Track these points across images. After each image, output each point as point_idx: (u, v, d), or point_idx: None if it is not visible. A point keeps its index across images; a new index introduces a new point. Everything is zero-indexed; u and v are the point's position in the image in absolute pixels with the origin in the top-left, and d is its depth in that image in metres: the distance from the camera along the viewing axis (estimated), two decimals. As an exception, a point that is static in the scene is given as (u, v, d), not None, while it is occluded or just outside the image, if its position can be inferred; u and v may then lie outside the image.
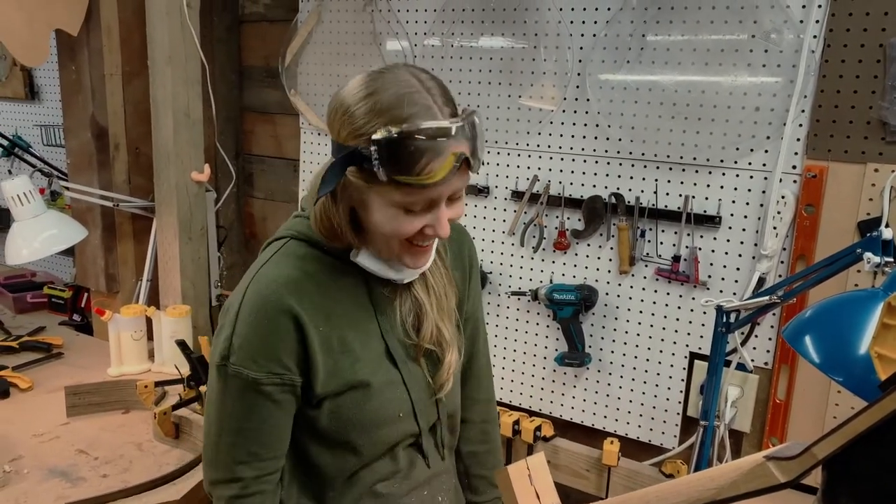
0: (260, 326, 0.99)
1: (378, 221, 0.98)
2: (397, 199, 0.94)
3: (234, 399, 1.01)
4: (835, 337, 0.92)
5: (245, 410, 1.01)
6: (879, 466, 0.61)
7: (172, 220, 2.12)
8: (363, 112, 0.93)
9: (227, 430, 1.02)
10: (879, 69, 1.42)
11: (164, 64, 2.02)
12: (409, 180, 0.90)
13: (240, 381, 0.99)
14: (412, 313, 1.11)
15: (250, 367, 0.99)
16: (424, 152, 0.89)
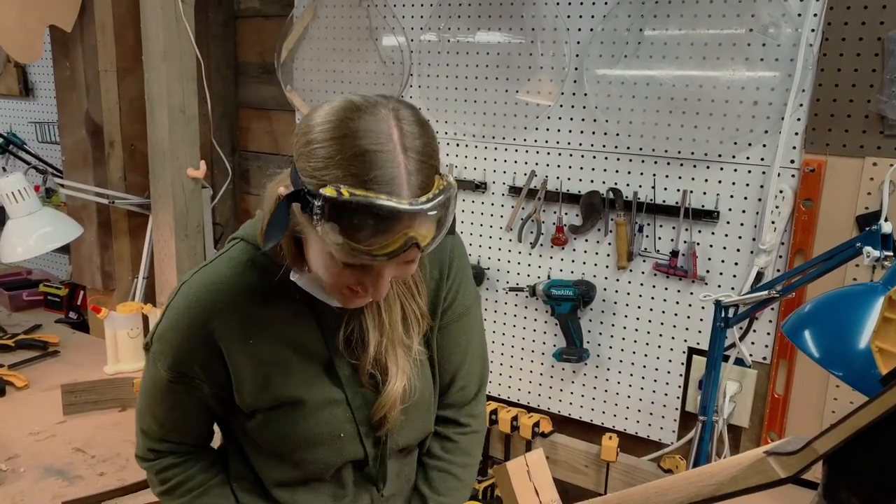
0: (178, 330, 1.00)
1: (313, 262, 0.91)
2: (335, 253, 0.84)
3: (151, 380, 1.04)
4: (834, 331, 0.91)
5: (156, 393, 1.04)
6: (881, 461, 0.61)
7: (168, 217, 2.11)
8: (324, 154, 0.82)
9: (143, 410, 1.08)
10: (878, 63, 1.41)
11: (159, 60, 2.01)
12: (351, 245, 0.81)
13: (154, 367, 1.02)
14: (355, 333, 1.03)
15: (162, 360, 1.01)
16: (371, 228, 0.80)
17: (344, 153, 0.81)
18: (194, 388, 1.02)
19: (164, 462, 1.08)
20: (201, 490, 1.08)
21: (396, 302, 1.03)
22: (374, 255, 0.82)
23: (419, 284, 1.06)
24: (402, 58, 2.02)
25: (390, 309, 1.03)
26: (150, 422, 1.07)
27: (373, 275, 0.89)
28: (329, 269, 0.89)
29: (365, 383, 1.05)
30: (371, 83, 2.10)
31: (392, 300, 1.03)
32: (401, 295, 1.04)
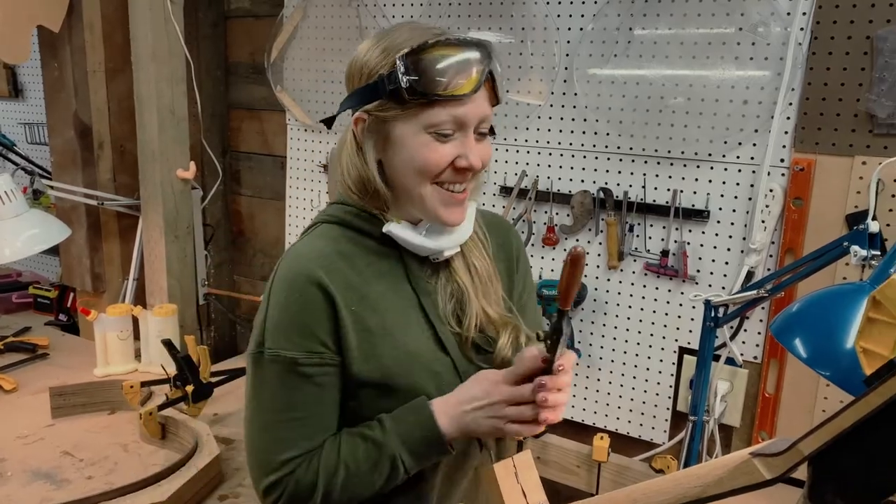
0: (292, 303, 0.95)
1: (407, 157, 0.95)
2: (426, 120, 0.93)
3: (274, 388, 0.95)
4: (822, 331, 0.91)
5: (286, 398, 0.95)
6: (865, 462, 0.61)
7: (158, 219, 2.10)
8: (379, 52, 0.95)
9: (270, 424, 0.96)
10: (867, 61, 1.41)
11: (148, 61, 2.00)
12: (438, 94, 0.90)
13: (277, 365, 0.95)
14: (453, 299, 1.04)
15: (286, 347, 0.94)
16: (449, 64, 0.91)
17: (396, 40, 0.94)
18: (326, 367, 0.96)
19: (294, 477, 0.96)
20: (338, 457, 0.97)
21: (476, 254, 1.08)
22: (463, 92, 0.91)
23: (485, 243, 1.11)
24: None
25: (479, 266, 1.07)
26: (275, 439, 0.96)
27: (464, 139, 0.95)
28: (423, 150, 0.94)
29: (469, 351, 1.04)
30: (361, 83, 2.08)
31: (473, 254, 1.07)
32: (483, 251, 1.09)
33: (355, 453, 0.96)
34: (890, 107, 1.39)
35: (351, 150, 1.01)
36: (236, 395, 1.97)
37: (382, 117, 0.95)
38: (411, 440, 0.95)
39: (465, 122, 0.94)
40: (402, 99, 0.92)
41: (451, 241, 1.02)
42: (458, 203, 0.99)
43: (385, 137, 0.97)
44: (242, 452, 1.67)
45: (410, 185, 0.97)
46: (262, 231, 2.51)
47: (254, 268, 2.56)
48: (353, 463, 0.95)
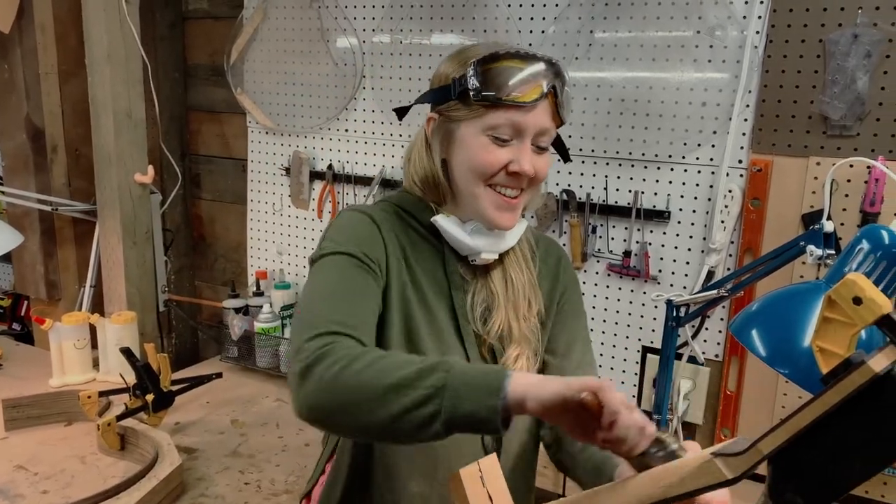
0: (357, 227, 1.02)
1: (466, 157, 1.01)
2: (486, 122, 0.98)
3: (328, 270, 0.98)
4: (780, 330, 0.93)
5: (338, 275, 0.97)
6: (823, 460, 0.62)
7: (116, 224, 2.05)
8: (457, 62, 1.02)
9: (320, 296, 0.95)
10: (819, 64, 1.44)
11: (103, 63, 1.96)
12: (501, 98, 0.96)
13: (339, 257, 0.98)
14: (484, 304, 1.09)
15: (347, 247, 0.98)
16: (516, 73, 0.97)
17: (474, 51, 1.01)
18: (376, 276, 0.99)
19: (346, 341, 0.88)
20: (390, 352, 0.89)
21: (516, 268, 1.11)
22: (523, 100, 0.96)
23: (533, 258, 1.14)
24: (354, 59, 2.00)
25: (516, 279, 1.10)
26: (328, 307, 0.92)
27: (520, 145, 1.00)
28: (480, 151, 0.99)
29: (486, 353, 1.08)
30: (323, 84, 2.07)
31: (513, 268, 1.11)
32: (524, 266, 1.12)
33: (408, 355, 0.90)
34: (842, 108, 1.42)
35: (421, 146, 1.09)
36: (198, 404, 1.94)
37: (449, 117, 1.02)
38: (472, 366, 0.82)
39: (522, 130, 0.99)
40: (469, 100, 0.98)
41: (491, 246, 1.06)
42: (509, 207, 1.03)
43: (450, 137, 1.03)
44: (205, 462, 1.64)
45: (467, 184, 1.03)
46: (224, 235, 2.47)
47: (215, 273, 2.52)
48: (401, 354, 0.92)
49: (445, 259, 1.08)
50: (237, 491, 1.53)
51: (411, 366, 0.81)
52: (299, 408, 0.85)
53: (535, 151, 1.02)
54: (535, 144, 1.01)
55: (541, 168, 1.02)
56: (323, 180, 2.12)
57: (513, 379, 0.77)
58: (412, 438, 0.81)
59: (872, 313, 0.58)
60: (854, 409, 0.59)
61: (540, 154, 1.03)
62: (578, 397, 0.73)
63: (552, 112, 1.01)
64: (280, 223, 2.24)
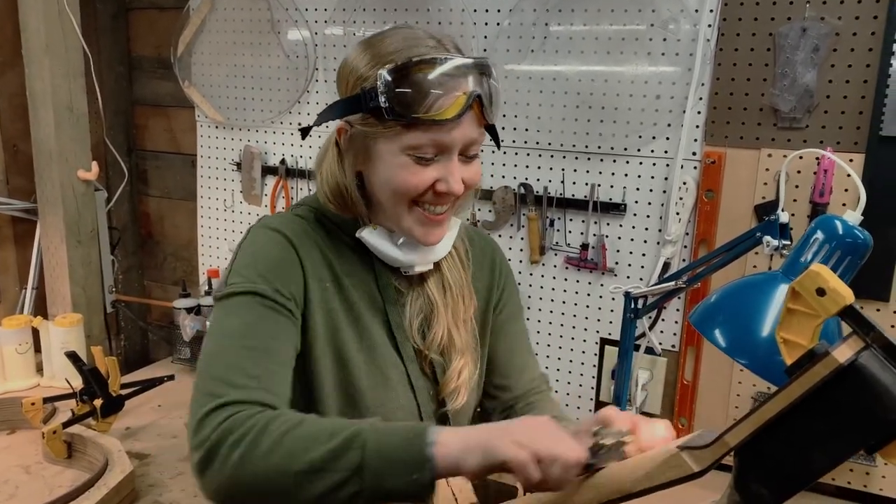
0: (268, 251, 0.92)
1: (386, 178, 0.91)
2: (406, 142, 0.88)
3: (234, 316, 0.86)
4: (738, 321, 0.94)
5: (246, 323, 0.86)
6: (787, 451, 0.62)
7: (58, 223, 1.97)
8: (367, 60, 0.90)
9: (226, 349, 0.84)
10: (770, 57, 1.47)
11: (41, 54, 1.87)
12: (419, 116, 0.85)
13: (244, 297, 0.87)
14: (421, 314, 1.02)
15: (256, 282, 0.88)
16: (434, 85, 0.86)
17: (385, 48, 0.89)
18: (292, 316, 0.89)
19: (248, 410, 0.79)
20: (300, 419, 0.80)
21: (453, 270, 1.05)
22: (445, 117, 0.86)
23: (465, 261, 1.08)
24: (306, 52, 1.96)
25: (454, 284, 1.04)
26: (228, 364, 0.83)
27: (447, 163, 0.91)
28: (402, 172, 0.90)
29: (426, 369, 1.02)
30: (275, 77, 2.02)
31: (450, 270, 1.04)
32: (460, 270, 1.06)
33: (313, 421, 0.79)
34: (791, 101, 1.45)
35: (332, 157, 0.98)
36: (149, 407, 1.88)
37: (363, 132, 0.91)
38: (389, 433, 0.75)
39: (447, 148, 0.90)
40: (383, 117, 0.87)
41: (424, 257, 1.00)
42: (436, 224, 0.95)
43: (366, 151, 0.93)
44: (158, 467, 1.59)
45: (388, 203, 0.94)
46: (173, 233, 2.40)
47: (165, 272, 2.45)
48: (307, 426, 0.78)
49: (377, 273, 1.00)
50: (192, 496, 1.49)
51: (320, 445, 0.74)
52: (208, 496, 0.78)
53: (464, 161, 0.93)
54: (464, 155, 0.92)
55: (471, 178, 0.94)
56: (276, 175, 2.08)
57: (437, 447, 0.73)
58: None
59: (836, 304, 0.58)
60: (818, 401, 0.59)
61: (469, 163, 0.94)
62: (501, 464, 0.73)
63: (478, 119, 0.91)
64: (232, 220, 2.19)
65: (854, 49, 1.39)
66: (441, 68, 0.86)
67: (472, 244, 1.11)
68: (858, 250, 0.91)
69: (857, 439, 0.58)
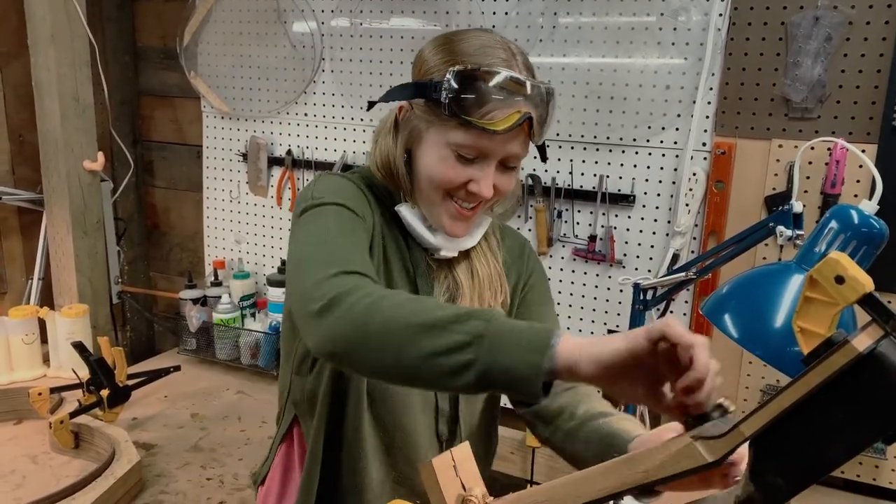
0: (344, 187, 0.97)
1: (428, 163, 0.96)
2: (453, 138, 0.93)
3: (326, 217, 0.91)
4: (751, 311, 0.93)
5: (338, 223, 0.91)
6: (804, 441, 0.61)
7: (64, 213, 1.97)
8: (442, 55, 0.95)
9: (327, 239, 0.88)
10: (782, 46, 1.45)
11: (47, 44, 1.87)
12: (471, 120, 0.90)
13: (335, 207, 0.92)
14: (448, 293, 1.05)
15: (338, 199, 0.93)
16: (493, 97, 0.90)
17: (461, 49, 0.93)
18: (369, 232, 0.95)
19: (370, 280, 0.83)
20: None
21: (482, 260, 1.07)
22: (494, 129, 0.90)
23: (497, 253, 1.10)
24: (313, 42, 1.95)
25: (481, 271, 1.06)
26: (340, 254, 0.86)
27: (484, 167, 0.94)
28: (441, 164, 0.94)
29: None
30: (281, 68, 2.01)
31: (479, 260, 1.07)
32: (489, 259, 1.08)
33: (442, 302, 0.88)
34: (803, 91, 1.44)
35: (389, 130, 1.03)
36: (156, 398, 1.88)
37: (421, 116, 0.96)
38: (510, 325, 0.72)
39: (488, 155, 0.94)
40: (441, 110, 0.92)
41: (451, 244, 1.03)
42: (463, 218, 0.99)
43: (418, 134, 0.98)
44: (164, 458, 1.59)
45: (426, 187, 0.99)
46: (179, 224, 2.40)
47: (170, 263, 2.44)
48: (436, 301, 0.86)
49: (410, 247, 1.04)
50: (199, 486, 1.49)
51: (447, 309, 0.74)
52: (320, 340, 0.78)
53: (501, 171, 0.97)
54: (503, 164, 0.96)
55: (503, 186, 0.97)
56: (282, 166, 2.07)
57: (563, 338, 0.70)
58: (438, 385, 0.78)
59: (855, 292, 0.57)
60: (836, 390, 0.58)
61: (507, 172, 0.98)
62: (647, 346, 0.66)
63: (525, 138, 0.95)
64: (238, 211, 2.18)
65: (867, 38, 1.38)
66: (504, 83, 0.90)
67: (503, 238, 1.14)
68: (874, 240, 0.90)
69: (876, 428, 0.57)
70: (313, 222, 0.91)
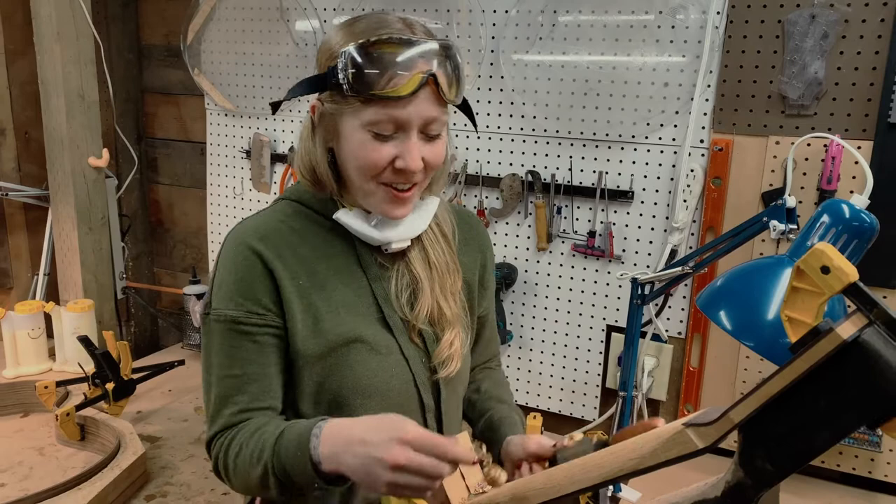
0: (236, 268, 0.96)
1: (350, 153, 0.95)
2: (365, 118, 0.91)
3: (218, 346, 0.97)
4: (745, 304, 0.94)
5: (228, 356, 0.96)
6: (791, 427, 0.63)
7: (70, 210, 1.99)
8: (337, 40, 0.93)
9: (216, 382, 0.97)
10: (778, 44, 1.47)
11: (52, 42, 1.89)
12: (375, 93, 0.88)
13: (220, 325, 0.96)
14: (409, 290, 1.04)
15: (228, 306, 0.95)
16: (390, 64, 0.88)
17: (356, 27, 0.93)
18: (267, 328, 0.96)
19: (229, 434, 0.97)
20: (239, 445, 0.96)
21: (436, 247, 1.07)
22: (399, 94, 0.88)
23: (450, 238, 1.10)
24: (315, 40, 1.97)
25: (437, 260, 1.06)
26: (218, 395, 0.97)
27: (405, 142, 0.92)
28: (363, 148, 0.92)
29: (415, 338, 1.04)
30: (284, 65, 2.03)
31: (432, 247, 1.07)
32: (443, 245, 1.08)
33: (251, 440, 0.93)
34: (800, 88, 1.45)
35: (307, 135, 1.01)
36: (160, 392, 1.90)
37: (331, 109, 0.95)
38: (287, 452, 0.88)
39: (404, 124, 0.92)
40: (345, 93, 0.90)
41: (400, 235, 1.01)
42: (401, 201, 0.97)
43: (334, 128, 0.96)
44: (169, 450, 1.61)
45: (357, 179, 0.97)
46: (183, 221, 2.42)
47: (174, 259, 2.47)
48: (247, 448, 0.93)
49: (357, 252, 1.02)
50: (203, 478, 1.51)
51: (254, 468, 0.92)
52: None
53: (426, 140, 0.94)
54: (425, 133, 0.94)
55: (432, 157, 0.95)
56: (285, 163, 2.09)
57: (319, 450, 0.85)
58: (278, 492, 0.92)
59: (840, 282, 0.59)
60: (822, 377, 0.60)
61: (431, 142, 0.95)
62: None
63: (437, 99, 0.92)
64: (241, 207, 2.20)
65: (863, 36, 1.39)
66: (398, 47, 0.89)
67: (459, 222, 1.14)
68: (865, 234, 0.92)
69: (861, 414, 0.59)
70: (206, 347, 0.99)
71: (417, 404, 1.04)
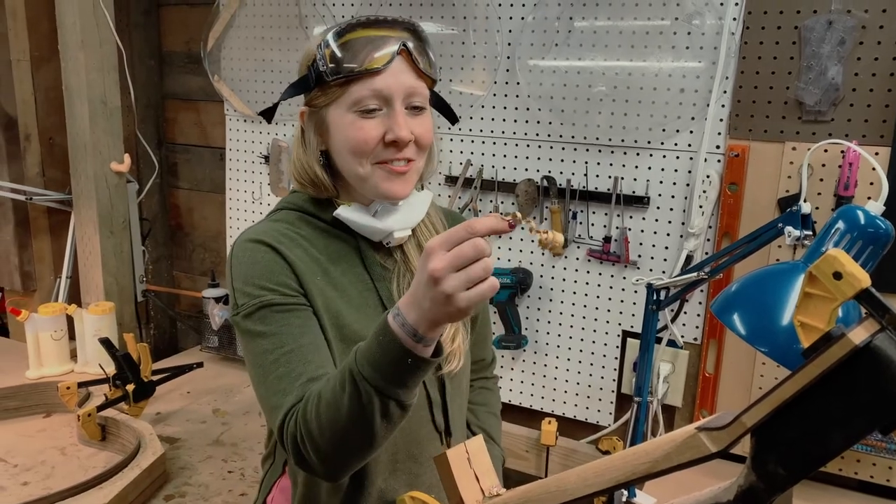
0: (256, 261, 0.97)
1: (342, 138, 0.97)
2: (349, 98, 0.95)
3: (262, 332, 0.94)
4: (759, 309, 0.95)
5: (276, 335, 0.93)
6: (804, 431, 0.63)
7: (92, 214, 2.03)
8: (314, 42, 0.99)
9: (272, 365, 0.93)
10: (795, 50, 1.47)
11: (77, 49, 1.92)
12: (354, 68, 0.93)
13: (258, 313, 0.94)
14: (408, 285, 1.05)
15: (260, 294, 0.94)
16: (363, 43, 0.94)
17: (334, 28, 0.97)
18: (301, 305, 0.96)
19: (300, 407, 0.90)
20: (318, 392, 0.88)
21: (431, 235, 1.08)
22: (377, 65, 0.93)
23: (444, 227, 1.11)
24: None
25: None
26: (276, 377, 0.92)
27: (391, 115, 0.96)
28: (352, 130, 0.96)
29: None
30: (302, 73, 2.05)
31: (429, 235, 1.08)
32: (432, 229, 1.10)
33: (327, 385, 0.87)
34: (817, 94, 1.45)
35: (298, 141, 1.05)
36: (179, 394, 1.93)
37: (317, 106, 0.99)
38: (369, 349, 0.82)
39: (387, 96, 0.95)
40: (327, 83, 0.95)
41: (401, 223, 1.03)
42: (399, 175, 0.99)
43: (323, 126, 1.00)
44: (188, 451, 1.64)
45: (351, 168, 0.99)
46: (202, 225, 2.45)
47: (193, 263, 2.50)
48: (327, 389, 0.86)
49: (361, 252, 1.05)
50: (221, 479, 1.53)
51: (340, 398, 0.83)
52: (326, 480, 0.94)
53: (412, 114, 0.98)
54: (409, 107, 0.98)
55: (421, 131, 0.98)
56: (302, 168, 2.11)
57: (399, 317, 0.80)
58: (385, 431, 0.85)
59: (852, 287, 0.59)
60: (834, 382, 0.60)
61: (417, 116, 0.98)
62: None
63: (413, 70, 0.97)
64: (260, 212, 2.23)
65: (881, 42, 1.39)
66: (368, 29, 0.96)
67: (450, 221, 1.16)
68: (880, 240, 0.92)
69: (873, 419, 0.59)
70: (248, 343, 0.96)
71: (425, 399, 1.06)
